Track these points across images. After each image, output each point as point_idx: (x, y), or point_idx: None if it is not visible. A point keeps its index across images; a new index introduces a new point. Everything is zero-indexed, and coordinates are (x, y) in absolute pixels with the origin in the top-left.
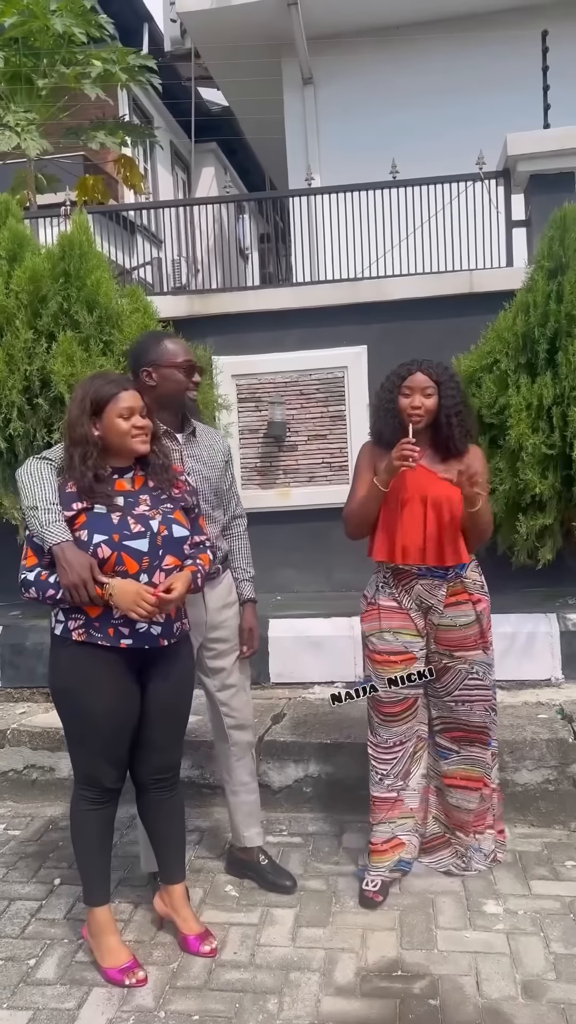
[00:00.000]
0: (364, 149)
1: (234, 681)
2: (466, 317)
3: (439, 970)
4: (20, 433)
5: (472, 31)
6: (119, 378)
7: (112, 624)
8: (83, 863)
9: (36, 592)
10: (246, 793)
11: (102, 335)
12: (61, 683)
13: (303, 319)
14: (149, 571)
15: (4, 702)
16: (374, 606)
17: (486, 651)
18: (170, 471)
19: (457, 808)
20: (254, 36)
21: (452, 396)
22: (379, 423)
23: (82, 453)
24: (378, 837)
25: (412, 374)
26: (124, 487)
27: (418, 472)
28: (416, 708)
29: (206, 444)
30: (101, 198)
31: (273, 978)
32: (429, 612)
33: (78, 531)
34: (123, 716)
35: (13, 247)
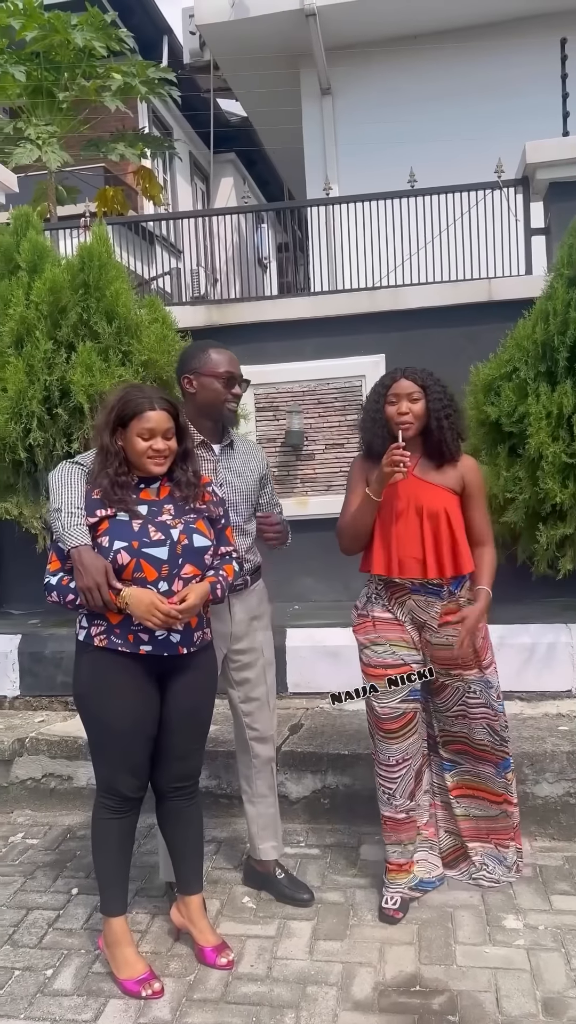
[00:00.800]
0: (382, 158)
1: (258, 695)
2: (485, 325)
3: (458, 986)
4: (40, 443)
5: (490, 39)
6: (153, 394)
7: (132, 630)
8: (102, 872)
9: (57, 596)
10: (264, 806)
11: (121, 345)
12: (83, 689)
13: (321, 328)
14: (168, 579)
15: (23, 710)
16: (367, 618)
17: (484, 670)
18: (197, 486)
19: (466, 817)
20: (272, 47)
21: (440, 399)
22: (368, 435)
23: (102, 460)
24: (393, 858)
25: (396, 381)
26: (149, 496)
27: (411, 482)
28: (416, 723)
29: (242, 457)
30: (120, 209)
31: (290, 992)
32: (423, 628)
33: (100, 537)
34: (143, 722)
35: (33, 258)
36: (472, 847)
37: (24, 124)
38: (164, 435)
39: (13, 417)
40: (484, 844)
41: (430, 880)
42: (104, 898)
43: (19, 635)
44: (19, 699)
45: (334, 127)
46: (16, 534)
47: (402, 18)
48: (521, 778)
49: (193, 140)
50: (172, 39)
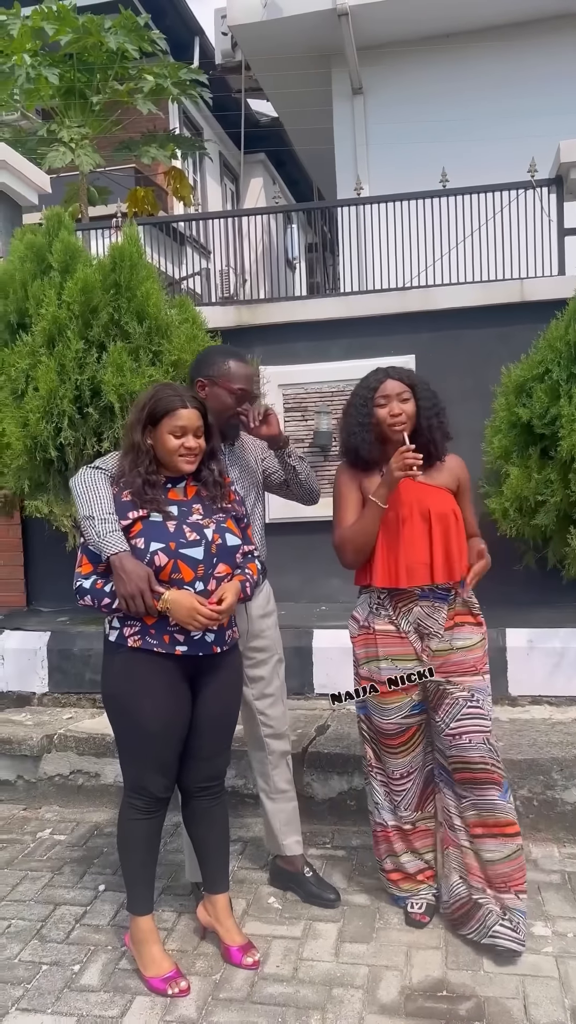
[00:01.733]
0: (413, 158)
1: (273, 691)
2: (517, 326)
3: (485, 992)
4: (71, 442)
5: (524, 38)
6: (185, 393)
7: (168, 631)
8: (129, 871)
9: (92, 600)
10: (284, 800)
11: (151, 345)
12: (115, 689)
13: (350, 329)
14: (204, 579)
15: (51, 707)
16: (368, 631)
17: (484, 676)
18: (223, 486)
19: (489, 862)
20: (304, 47)
21: (429, 398)
22: (353, 440)
23: (133, 459)
24: (410, 867)
25: (383, 382)
26: (177, 496)
27: (412, 485)
28: (419, 738)
29: (245, 452)
30: (151, 210)
31: (316, 994)
32: (427, 636)
33: (134, 539)
34: (175, 723)
35: (65, 259)
36: (490, 896)
37: (57, 126)
38: (195, 433)
39: (44, 416)
40: (504, 893)
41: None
42: (131, 896)
43: (48, 632)
44: (48, 696)
45: (365, 127)
46: (46, 532)
47: (435, 17)
48: (550, 784)
49: (223, 141)
50: (204, 40)
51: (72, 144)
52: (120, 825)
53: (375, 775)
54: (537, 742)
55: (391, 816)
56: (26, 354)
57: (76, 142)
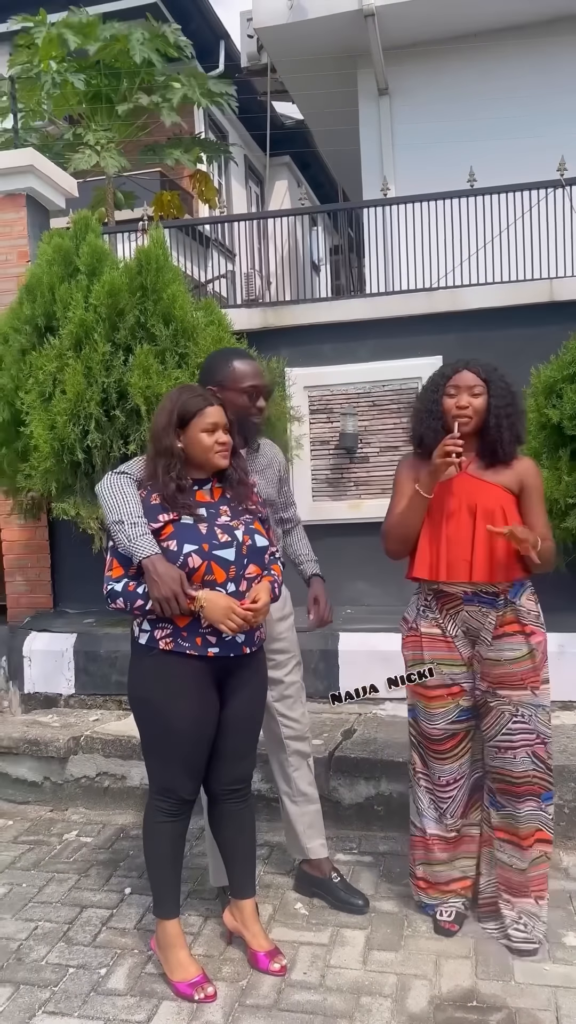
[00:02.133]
0: (440, 158)
1: (292, 692)
2: (546, 326)
3: (516, 1003)
4: (98, 444)
5: (550, 36)
6: (206, 392)
7: (200, 633)
8: (155, 875)
9: (124, 603)
10: (307, 803)
11: (177, 348)
12: (145, 692)
13: (376, 330)
14: (235, 580)
15: (78, 708)
16: (415, 632)
17: (536, 691)
18: (247, 485)
19: (508, 866)
20: (330, 49)
21: (502, 396)
22: (420, 427)
23: (166, 464)
24: (441, 876)
25: (458, 372)
26: (204, 498)
27: (465, 480)
28: (467, 745)
29: (265, 459)
30: (176, 213)
31: (344, 1002)
32: (476, 642)
33: (165, 541)
34: (206, 725)
35: (92, 262)
36: (507, 901)
37: (84, 130)
38: (224, 428)
39: (71, 419)
40: (522, 899)
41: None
42: (157, 900)
43: (75, 634)
44: (74, 697)
45: (391, 127)
46: (73, 534)
47: (461, 16)
48: None
49: (248, 143)
50: (229, 43)
51: (98, 147)
52: (146, 828)
53: (420, 781)
54: (567, 748)
55: (434, 824)
56: (53, 357)
57: (102, 145)
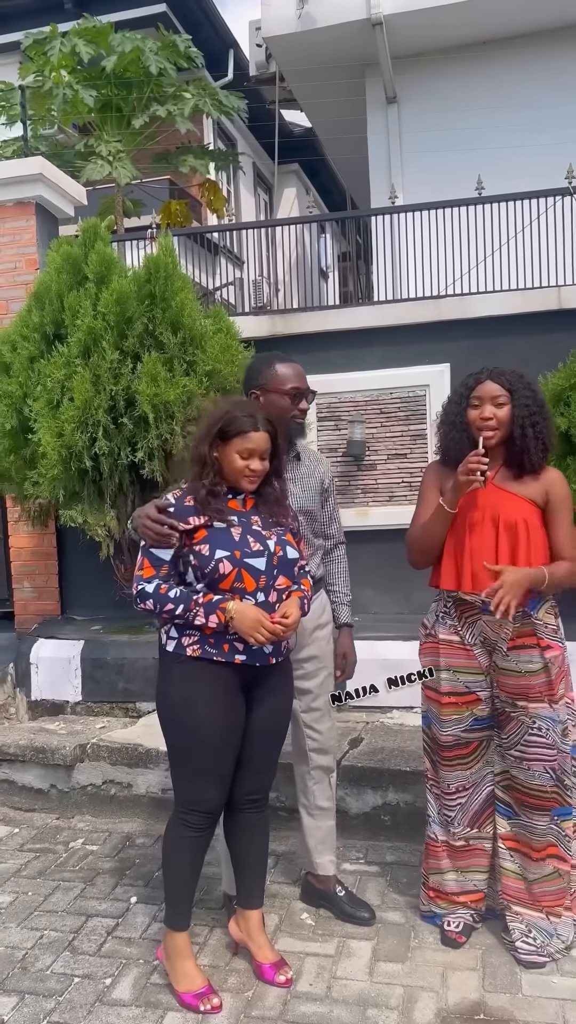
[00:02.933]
0: (448, 166)
1: (320, 705)
2: (554, 334)
3: (524, 1016)
4: (105, 452)
5: (558, 45)
6: (259, 415)
7: (227, 640)
8: (172, 888)
9: (154, 604)
10: (323, 818)
11: (186, 356)
12: (175, 699)
13: (384, 337)
14: (265, 590)
15: (84, 716)
16: (433, 639)
17: (553, 704)
18: (283, 504)
19: (517, 876)
20: (338, 57)
21: (527, 406)
22: (445, 439)
23: (199, 470)
24: (452, 886)
25: (481, 383)
26: (236, 507)
27: (490, 491)
28: (480, 753)
29: (306, 468)
30: (184, 222)
31: (350, 1014)
32: (494, 651)
33: (198, 545)
34: (234, 732)
35: (101, 270)
36: (516, 912)
37: (95, 141)
38: (261, 456)
39: (79, 426)
40: (532, 911)
41: (494, 909)
42: (170, 911)
43: (82, 641)
44: (81, 704)
45: (399, 135)
46: (80, 541)
47: (470, 25)
48: None
49: (256, 151)
50: (238, 52)
51: (110, 157)
52: (168, 842)
53: (431, 787)
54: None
55: (442, 831)
56: (62, 364)
57: (114, 155)
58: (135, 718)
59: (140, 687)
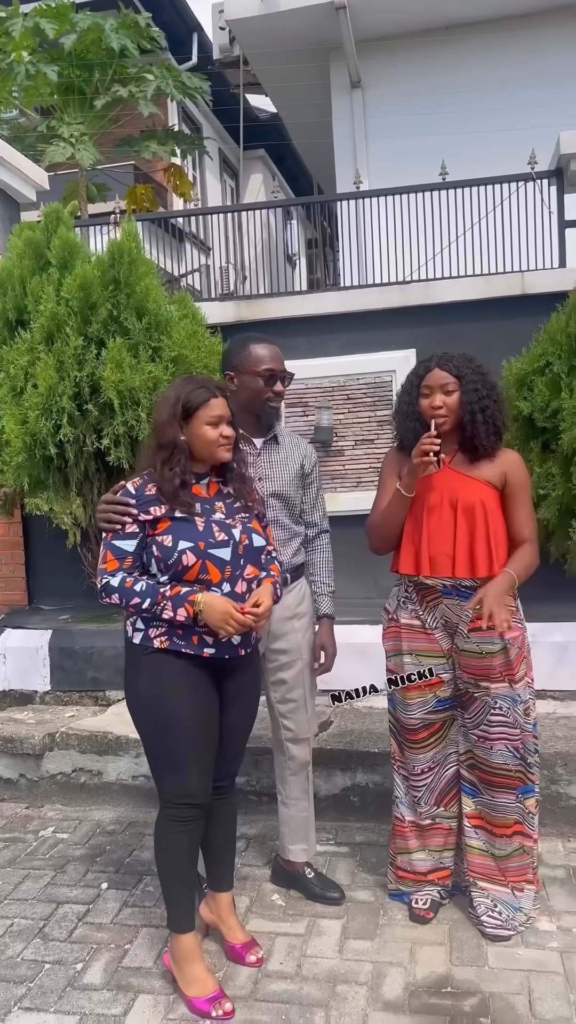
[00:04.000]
0: (413, 151)
1: (295, 696)
2: (517, 319)
3: (490, 988)
4: (70, 439)
5: (524, 30)
6: (209, 383)
7: (196, 632)
8: (170, 888)
9: (119, 598)
10: (297, 809)
11: (151, 341)
12: (147, 692)
13: (350, 323)
14: (232, 580)
15: (53, 705)
16: (395, 623)
17: (514, 684)
18: (247, 481)
19: (482, 852)
20: (302, 41)
21: (476, 391)
22: (400, 428)
23: (167, 457)
24: (419, 864)
25: (430, 371)
26: (200, 493)
27: (447, 475)
28: (444, 732)
29: (285, 451)
30: (150, 206)
31: (320, 990)
32: (455, 634)
33: (160, 536)
34: (212, 720)
35: (64, 255)
36: (482, 888)
37: (56, 123)
38: (228, 421)
39: (44, 413)
40: (497, 886)
41: (461, 885)
42: (172, 914)
43: (50, 631)
44: (49, 694)
45: (364, 121)
46: (46, 530)
47: (433, 10)
48: (555, 778)
49: (222, 136)
50: (201, 35)
51: (72, 140)
52: (160, 841)
53: (398, 769)
54: (541, 736)
55: (409, 811)
56: (25, 351)
57: (76, 138)
58: (104, 706)
59: (109, 675)
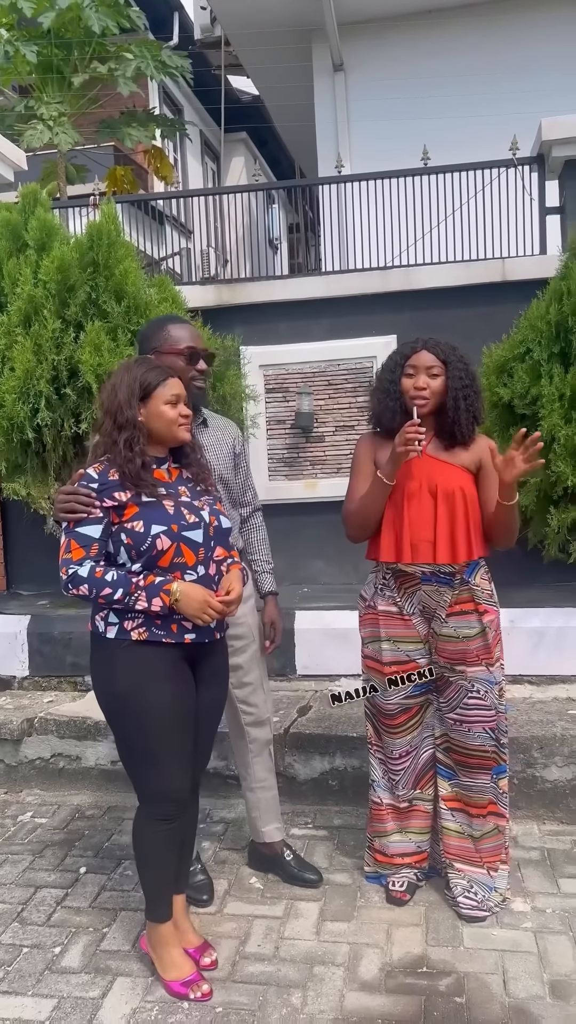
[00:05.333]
0: (395, 136)
1: (252, 679)
2: (498, 306)
3: (465, 968)
4: (48, 423)
5: (507, 15)
6: (162, 366)
7: (174, 620)
8: (151, 883)
9: (89, 589)
10: (263, 790)
11: (130, 325)
12: (121, 687)
13: (332, 308)
14: (204, 563)
15: (32, 690)
16: (372, 610)
17: (490, 667)
18: (204, 466)
19: (459, 834)
20: (284, 22)
21: (460, 378)
22: (379, 407)
23: (128, 438)
24: (396, 847)
25: (417, 352)
26: (162, 477)
27: (425, 461)
28: (420, 717)
29: (216, 434)
30: (130, 188)
31: (297, 972)
32: (432, 619)
33: (130, 522)
34: (190, 710)
35: (42, 236)
36: (458, 869)
37: (35, 103)
38: (184, 401)
39: (21, 397)
40: (473, 867)
41: (437, 869)
42: (152, 906)
43: (28, 616)
44: (28, 679)
45: (347, 104)
46: (24, 515)
47: None
48: (530, 762)
49: (204, 118)
50: (183, 15)
51: (51, 122)
52: (141, 841)
53: (375, 752)
54: (517, 721)
55: (387, 794)
56: (2, 334)
57: (55, 120)
58: (83, 692)
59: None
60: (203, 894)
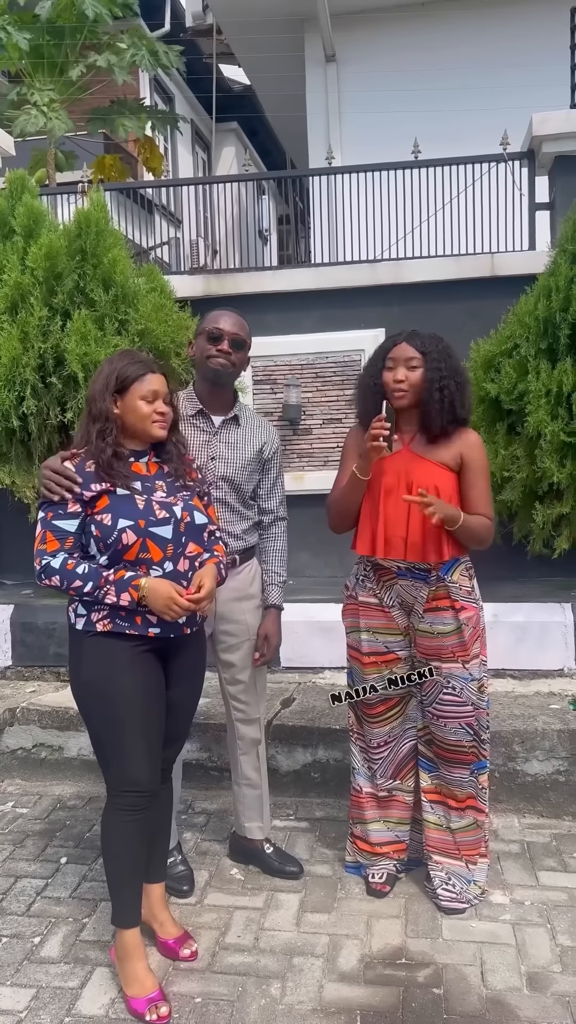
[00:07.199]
0: (386, 128)
1: (244, 677)
2: (487, 301)
3: (443, 959)
4: (33, 411)
5: (498, 8)
6: (147, 359)
7: (139, 612)
8: (117, 881)
9: (60, 581)
10: (249, 788)
11: (117, 314)
12: (88, 675)
13: (321, 301)
14: (174, 559)
15: (15, 680)
16: (353, 601)
17: (466, 664)
18: (185, 460)
19: (438, 827)
20: (277, 11)
21: (438, 368)
22: (363, 401)
23: (101, 429)
24: (376, 837)
25: (397, 344)
26: (140, 471)
27: (405, 456)
28: (401, 709)
29: (245, 433)
30: (119, 177)
31: (276, 962)
32: (411, 613)
33: (99, 514)
34: (158, 701)
35: (29, 223)
36: (437, 862)
37: (27, 89)
38: (164, 399)
39: (6, 385)
40: (452, 860)
41: (417, 860)
42: (117, 907)
43: (11, 605)
44: (11, 669)
45: (338, 95)
46: (9, 504)
47: None
48: (511, 755)
49: (195, 107)
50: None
51: (44, 108)
52: (108, 832)
53: (356, 740)
54: (499, 715)
55: (367, 782)
56: None
57: (47, 105)
58: (66, 682)
59: None
60: (183, 884)
